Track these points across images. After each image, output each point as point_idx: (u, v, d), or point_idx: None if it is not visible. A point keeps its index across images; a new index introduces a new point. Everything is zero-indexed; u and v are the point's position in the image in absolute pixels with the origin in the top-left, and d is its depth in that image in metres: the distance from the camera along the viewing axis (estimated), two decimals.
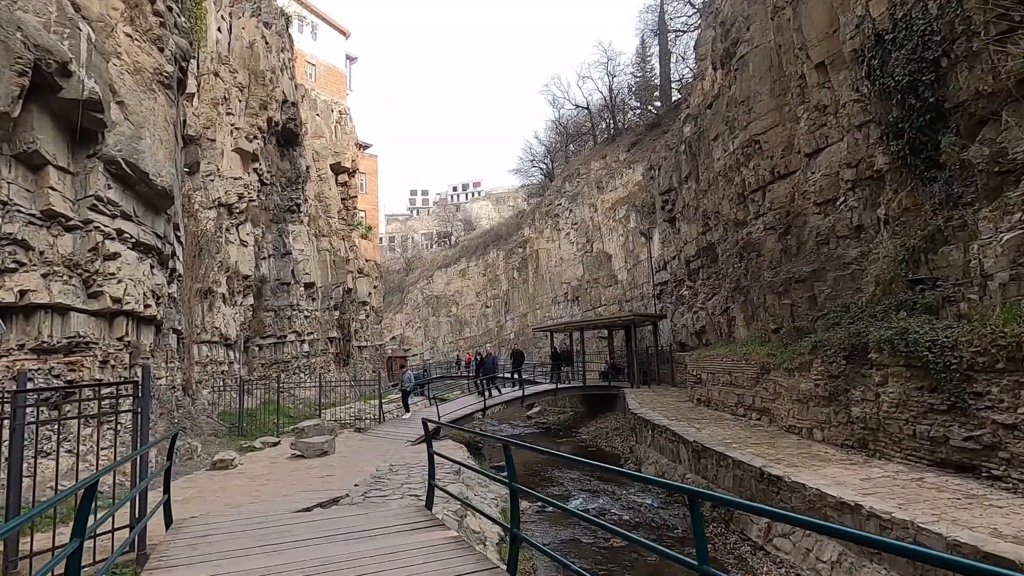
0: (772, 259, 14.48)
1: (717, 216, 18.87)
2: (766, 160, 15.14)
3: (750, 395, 13.11)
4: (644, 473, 13.41)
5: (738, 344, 15.17)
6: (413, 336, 72.67)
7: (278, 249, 23.16)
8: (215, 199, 18.32)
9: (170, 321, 13.79)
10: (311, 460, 12.65)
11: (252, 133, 20.65)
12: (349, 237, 29.35)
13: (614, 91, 48.99)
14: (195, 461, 12.36)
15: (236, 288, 20.11)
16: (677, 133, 23.11)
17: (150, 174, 11.06)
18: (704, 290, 21.07)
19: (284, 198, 23.64)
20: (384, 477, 9.44)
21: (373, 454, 13.34)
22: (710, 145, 19.02)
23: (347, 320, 28.83)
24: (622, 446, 17.47)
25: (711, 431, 11.97)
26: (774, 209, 14.86)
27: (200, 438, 14.38)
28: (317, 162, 26.81)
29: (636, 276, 35.33)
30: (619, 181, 41.98)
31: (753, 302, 15.18)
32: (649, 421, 14.23)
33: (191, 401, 15.79)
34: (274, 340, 22.76)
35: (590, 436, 20.51)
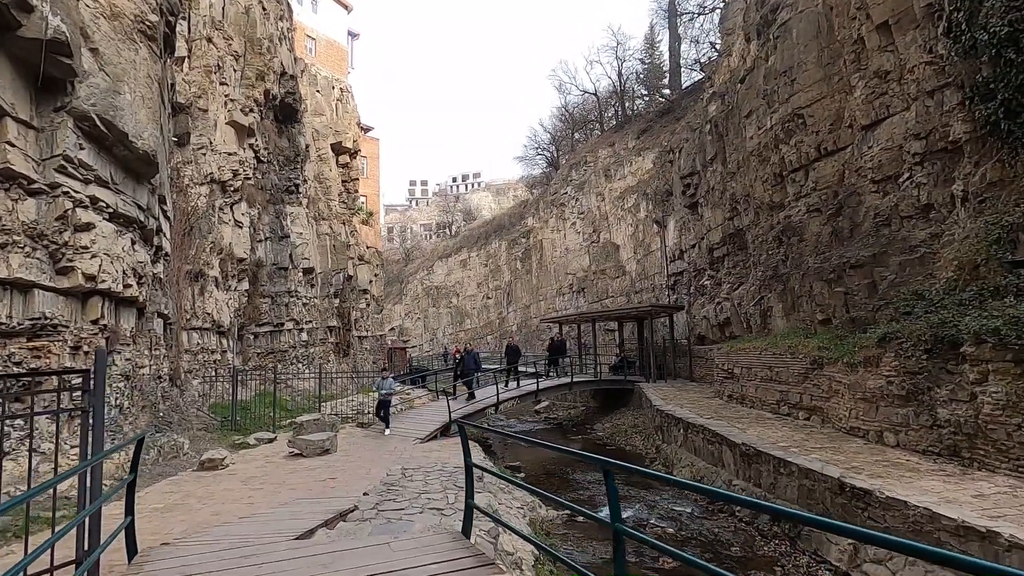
0: (818, 244, 13.21)
1: (747, 200, 17.59)
2: (810, 136, 13.84)
3: (796, 392, 11.87)
4: (679, 477, 12.18)
5: (777, 336, 13.92)
6: (412, 327, 71.42)
7: (275, 232, 21.79)
8: (207, 174, 16.93)
9: (155, 304, 12.47)
10: (311, 459, 11.39)
11: (248, 105, 19.22)
12: (350, 222, 27.97)
13: (623, 76, 47.54)
14: (181, 460, 11.08)
15: (230, 272, 18.75)
16: (700, 113, 21.77)
17: (130, 135, 9.70)
18: (729, 280, 19.83)
19: (282, 178, 22.23)
20: (397, 484, 8.17)
21: (379, 453, 12.10)
22: (741, 123, 17.69)
23: (347, 309, 27.50)
24: (644, 445, 16.26)
25: (757, 432, 10.74)
26: (819, 189, 13.58)
27: (188, 433, 13.09)
28: (317, 141, 25.38)
29: (647, 267, 34.08)
30: (628, 169, 40.67)
31: (794, 291, 13.92)
32: (681, 419, 13.00)
33: (179, 392, 14.49)
34: (270, 328, 21.43)
35: (606, 433, 19.30)
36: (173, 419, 12.66)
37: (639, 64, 50.58)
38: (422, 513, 6.56)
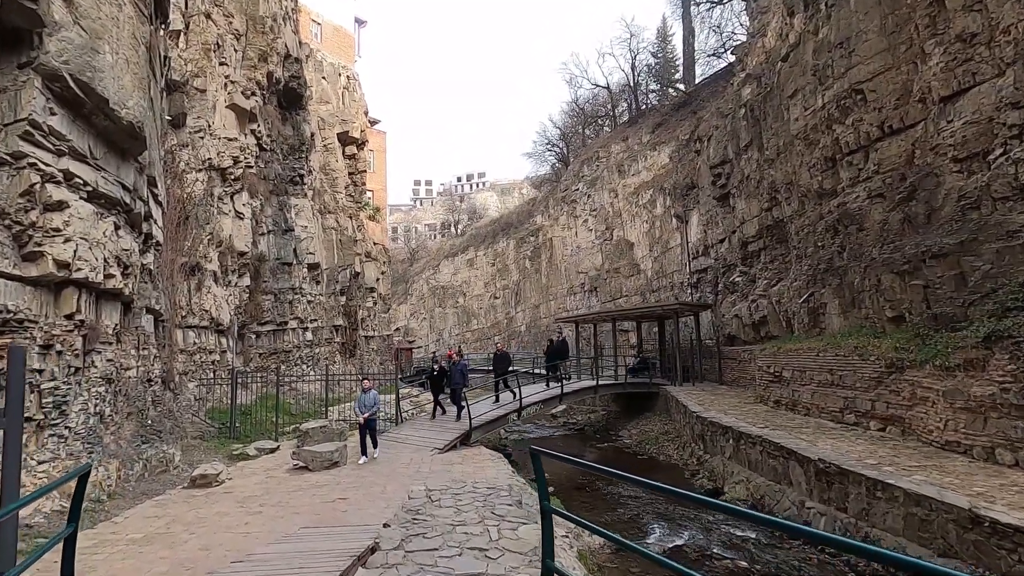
0: (883, 232, 11.81)
1: (790, 188, 16.20)
2: (871, 113, 12.46)
3: (867, 399, 10.49)
4: (731, 496, 10.82)
5: (838, 336, 12.53)
6: (418, 328, 70.19)
7: (278, 224, 20.51)
8: (205, 160, 15.64)
9: (144, 299, 11.18)
10: (317, 474, 10.06)
11: (249, 88, 17.94)
12: (357, 216, 26.68)
13: (637, 69, 46.18)
14: (171, 475, 9.77)
15: (230, 266, 17.46)
16: (732, 98, 20.39)
17: (111, 101, 8.39)
18: (766, 275, 18.43)
19: (286, 167, 20.95)
20: (423, 511, 6.82)
21: (394, 466, 10.75)
22: (782, 105, 16.31)
23: (354, 307, 26.21)
24: (679, 455, 14.87)
25: (830, 445, 9.35)
26: (883, 172, 12.19)
27: (181, 443, 11.78)
28: (323, 130, 24.11)
29: (665, 264, 32.70)
30: (642, 164, 39.35)
31: (853, 286, 12.52)
32: (731, 429, 11.63)
33: (172, 397, 13.19)
34: (273, 327, 20.14)
35: (634, 441, 17.92)
36: (164, 426, 11.35)
37: (652, 59, 49.27)
38: (461, 555, 5.21)
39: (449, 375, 14.42)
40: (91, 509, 7.58)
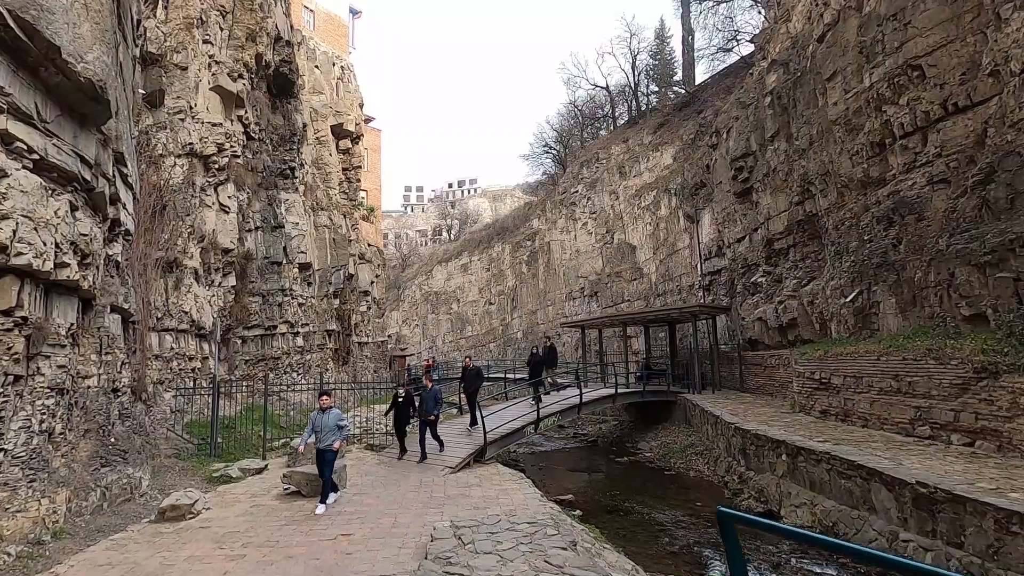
0: (951, 221, 10.55)
1: (826, 178, 14.97)
2: (932, 90, 11.24)
3: (948, 408, 9.15)
4: (792, 521, 9.40)
5: (894, 337, 11.21)
6: (411, 335, 68.47)
7: (267, 220, 18.94)
8: (186, 145, 14.10)
9: (110, 295, 9.60)
10: (313, 502, 8.49)
11: (236, 70, 16.44)
12: (351, 215, 25.16)
13: (637, 69, 45.22)
14: (137, 504, 8.16)
15: (213, 264, 15.87)
16: (755, 86, 19.21)
17: (64, 51, 6.88)
18: (795, 274, 17.16)
19: (276, 159, 19.42)
20: (455, 558, 5.32)
21: (402, 489, 9.23)
22: (816, 90, 15.11)
23: (348, 311, 24.63)
24: (712, 471, 13.47)
25: (919, 463, 7.98)
26: (947, 155, 10.95)
27: (152, 463, 10.16)
28: (315, 122, 22.63)
29: (671, 267, 31.49)
30: (644, 166, 38.30)
31: (914, 281, 11.24)
32: (784, 443, 10.23)
33: (144, 409, 11.55)
34: (261, 331, 18.52)
35: (656, 455, 16.48)
36: (132, 445, 9.71)
37: (650, 60, 48.47)
38: None
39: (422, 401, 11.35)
40: (27, 555, 5.99)
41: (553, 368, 18.54)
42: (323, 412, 8.48)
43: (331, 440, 8.27)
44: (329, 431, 8.34)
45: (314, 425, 8.46)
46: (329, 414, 8.46)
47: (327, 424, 8.38)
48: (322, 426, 8.37)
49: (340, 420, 8.55)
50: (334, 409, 8.61)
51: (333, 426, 8.39)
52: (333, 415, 8.49)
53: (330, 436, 8.30)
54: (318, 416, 8.47)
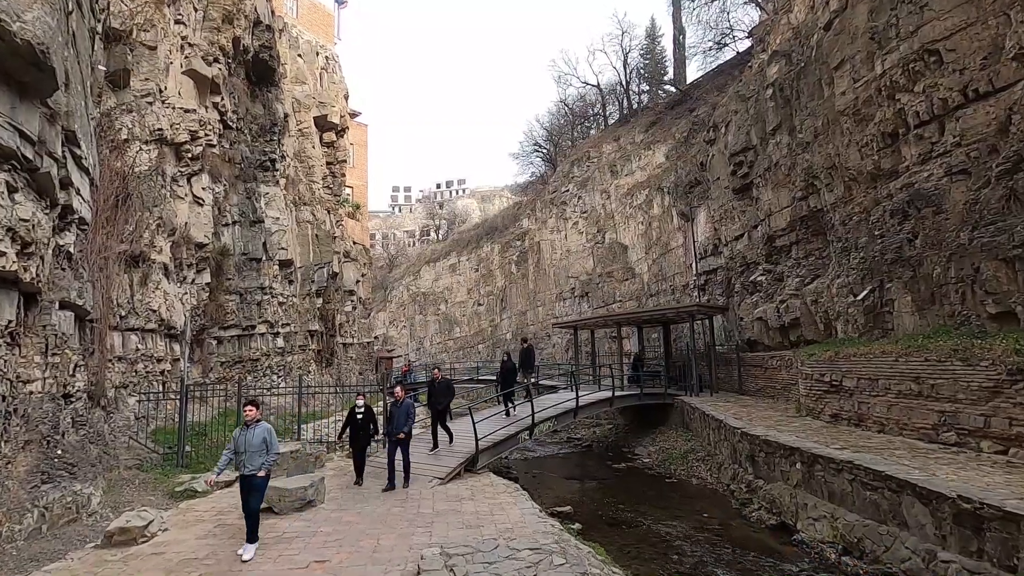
0: (972, 213, 9.95)
1: (832, 172, 14.36)
2: (950, 76, 10.63)
3: (977, 413, 8.51)
4: (812, 536, 8.68)
5: (910, 337, 10.58)
6: (398, 336, 67.41)
7: (246, 215, 17.95)
8: (155, 131, 13.11)
9: (61, 290, 8.63)
10: (286, 519, 7.62)
11: (211, 54, 15.46)
12: (335, 210, 24.18)
13: (629, 67, 44.73)
14: (84, 525, 7.21)
15: (185, 259, 14.87)
16: (755, 79, 18.61)
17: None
18: (798, 272, 16.55)
19: (255, 150, 18.44)
20: None
21: (388, 504, 8.37)
22: (822, 80, 14.51)
23: (331, 311, 23.65)
24: (716, 478, 12.76)
25: (953, 473, 7.31)
26: (967, 144, 10.35)
27: (111, 475, 9.20)
28: (298, 113, 21.66)
29: (664, 267, 30.92)
30: (636, 164, 37.77)
31: (932, 278, 10.62)
32: (798, 450, 9.53)
33: (104, 415, 10.56)
34: (238, 331, 17.52)
35: (654, 460, 15.75)
36: (86, 456, 8.74)
37: (641, 59, 48.08)
38: None
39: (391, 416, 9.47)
40: None
41: (530, 372, 16.68)
42: (248, 427, 6.57)
43: (257, 464, 6.42)
44: (254, 452, 6.43)
45: (234, 443, 6.59)
46: (254, 430, 6.52)
47: (251, 443, 6.44)
48: (245, 446, 6.45)
49: (268, 438, 6.54)
50: (262, 423, 6.71)
51: (259, 446, 6.44)
52: (259, 432, 6.53)
53: (256, 459, 6.44)
54: (240, 433, 6.58)
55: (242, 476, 6.54)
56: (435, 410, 11.56)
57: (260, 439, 6.52)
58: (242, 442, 6.53)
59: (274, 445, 6.63)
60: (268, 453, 6.55)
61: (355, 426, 9.62)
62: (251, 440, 6.50)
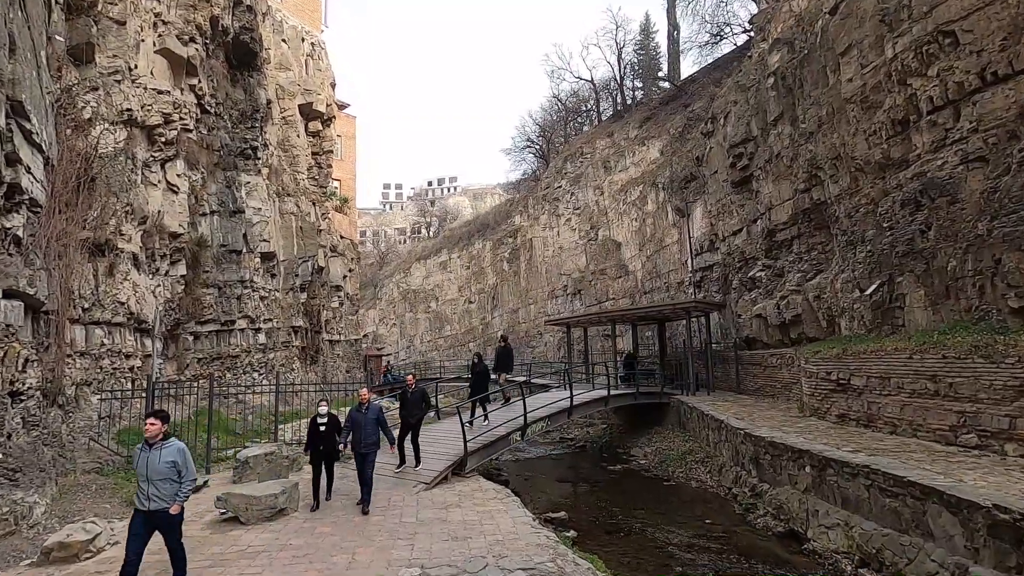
0: (991, 202, 9.41)
1: (837, 162, 13.82)
2: (966, 59, 10.09)
3: (1001, 415, 7.96)
4: (824, 545, 8.09)
5: (923, 333, 10.03)
6: (387, 334, 66.55)
7: (225, 205, 17.13)
8: (123, 111, 12.29)
9: (6, 277, 7.83)
10: (253, 531, 6.91)
11: (188, 33, 14.64)
12: (321, 203, 23.37)
13: (623, 62, 44.18)
14: (21, 539, 6.44)
15: (158, 249, 14.06)
16: (756, 68, 18.06)
17: None
18: (800, 267, 16.02)
19: (236, 137, 17.60)
20: None
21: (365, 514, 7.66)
22: (829, 67, 13.95)
23: (317, 306, 22.84)
24: (717, 481, 12.17)
25: (981, 479, 6.74)
26: (984, 130, 9.80)
27: (64, 480, 8.43)
28: (282, 100, 20.83)
29: (659, 264, 30.41)
30: (630, 160, 37.28)
31: (947, 271, 10.07)
32: (808, 453, 8.94)
33: (62, 415, 9.77)
34: (217, 326, 16.71)
35: (651, 462, 15.16)
36: (36, 459, 7.97)
37: (635, 56, 47.62)
38: None
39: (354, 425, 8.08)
40: None
41: (508, 372, 15.43)
42: (151, 447, 5.02)
43: (165, 494, 4.95)
44: (162, 479, 4.94)
45: (136, 469, 5.10)
46: (161, 451, 5.00)
47: (155, 468, 4.93)
48: (149, 471, 4.93)
49: (180, 460, 5.04)
50: (173, 442, 5.16)
51: (166, 472, 4.95)
52: (168, 453, 5.01)
53: (164, 488, 4.94)
54: (141, 455, 5.06)
55: (141, 512, 4.97)
56: (406, 423, 9.89)
57: (168, 462, 4.96)
58: (143, 467, 4.97)
59: (189, 470, 5.14)
60: (182, 480, 5.06)
61: (317, 438, 8.20)
62: (155, 464, 4.94)
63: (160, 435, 5.09)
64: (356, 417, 8.17)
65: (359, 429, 8.04)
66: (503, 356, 15.24)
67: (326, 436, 8.16)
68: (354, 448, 8.11)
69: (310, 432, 8.35)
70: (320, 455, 8.19)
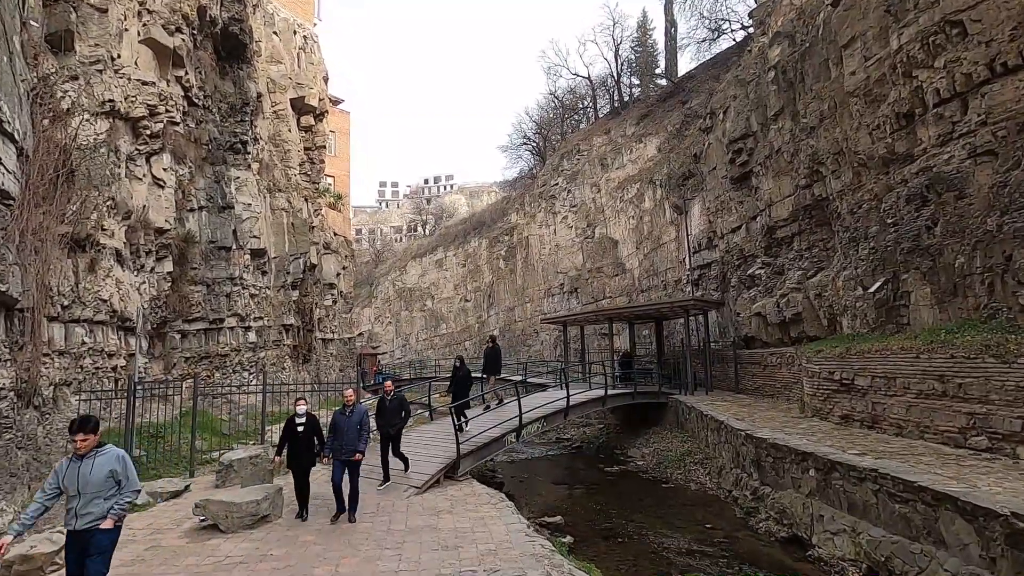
0: (1000, 197, 9.13)
1: (839, 158, 13.54)
2: (975, 50, 9.81)
3: (1014, 417, 7.69)
4: (830, 552, 7.80)
5: (931, 331, 9.75)
6: (383, 332, 66.16)
7: (214, 200, 16.71)
8: (105, 102, 11.88)
9: None
10: (232, 540, 6.56)
11: (174, 22, 14.23)
12: (314, 199, 22.96)
13: (620, 58, 43.85)
14: None
15: (143, 245, 13.67)
16: (756, 62, 17.76)
17: None
18: (801, 265, 15.74)
19: (225, 131, 17.18)
20: None
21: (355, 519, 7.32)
22: (831, 60, 13.66)
23: (309, 304, 22.45)
24: (716, 484, 11.88)
25: (997, 484, 6.45)
26: (994, 122, 9.53)
27: (37, 485, 8.03)
28: (273, 94, 20.42)
29: (656, 262, 30.15)
30: (627, 157, 37.02)
31: (954, 268, 9.79)
32: (812, 455, 8.65)
33: (38, 416, 9.39)
34: (205, 325, 16.30)
35: (649, 463, 14.86)
36: (10, 463, 7.60)
37: (632, 53, 47.31)
38: None
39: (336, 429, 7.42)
40: None
41: (497, 374, 14.67)
42: (80, 459, 4.22)
43: (96, 512, 4.15)
44: (92, 496, 4.14)
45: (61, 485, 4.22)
46: (95, 461, 4.20)
47: (89, 481, 4.14)
48: (79, 486, 4.14)
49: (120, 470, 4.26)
50: (110, 448, 4.34)
51: (102, 484, 4.17)
52: (103, 462, 4.22)
53: (99, 504, 4.16)
54: (69, 467, 4.25)
55: (71, 533, 4.19)
56: (385, 434, 8.92)
57: (104, 473, 4.17)
58: (72, 480, 4.16)
59: (131, 480, 4.35)
60: (121, 493, 4.26)
61: (294, 441, 7.39)
62: (89, 476, 4.14)
63: (94, 443, 4.30)
64: (339, 421, 7.43)
65: (342, 435, 7.31)
66: (491, 357, 14.60)
67: (303, 439, 7.36)
68: (336, 456, 7.34)
69: (284, 433, 7.50)
70: (299, 459, 7.36)
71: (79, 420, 4.38)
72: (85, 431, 4.25)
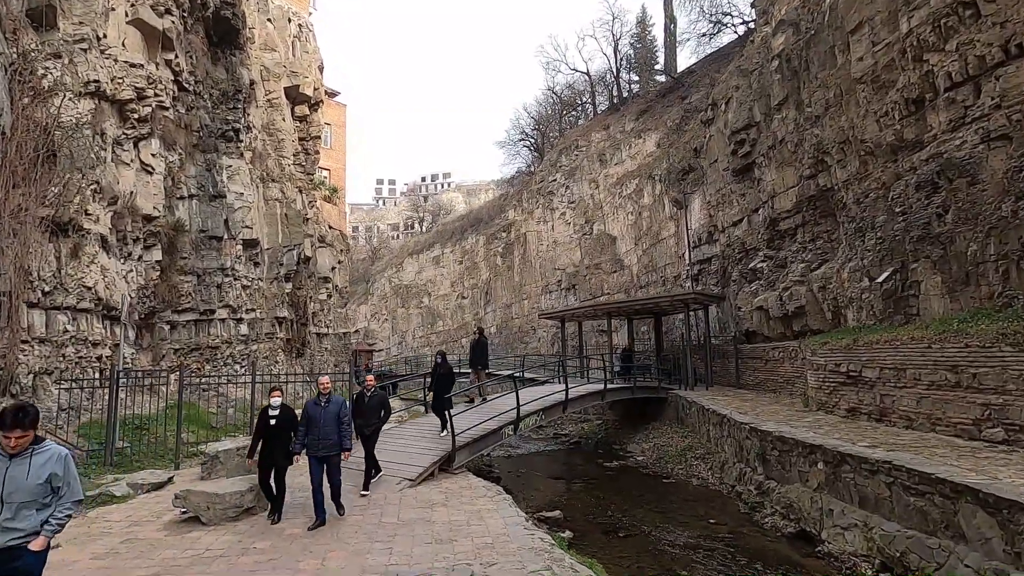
0: (1014, 183, 8.82)
1: (845, 147, 13.24)
2: (989, 31, 9.50)
3: None
4: (841, 547, 7.49)
5: (942, 321, 9.45)
6: (379, 329, 65.79)
7: (205, 188, 16.33)
8: (90, 82, 11.49)
9: None
10: (213, 533, 6.20)
11: (163, 4, 13.83)
12: (308, 190, 22.57)
13: (619, 53, 43.54)
14: None
15: (131, 232, 13.29)
16: (759, 51, 17.43)
17: None
18: (804, 257, 15.44)
19: (216, 118, 16.79)
20: None
21: (344, 511, 6.97)
22: (837, 47, 13.35)
23: (303, 297, 22.05)
24: (719, 478, 11.58)
25: (1017, 476, 6.15)
26: (1008, 105, 9.22)
27: None
28: (267, 82, 20.03)
29: (655, 257, 29.86)
30: (626, 153, 36.72)
31: (966, 256, 9.50)
32: (821, 448, 8.34)
33: None
34: (195, 316, 15.92)
35: (649, 458, 14.55)
36: None
37: (631, 49, 47.01)
38: None
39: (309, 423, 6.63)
40: None
41: (484, 367, 13.81)
42: (10, 458, 3.26)
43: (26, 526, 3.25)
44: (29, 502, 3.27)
45: None
46: (30, 460, 3.30)
47: (21, 484, 3.24)
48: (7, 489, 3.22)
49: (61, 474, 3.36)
50: (50, 446, 3.45)
51: (38, 491, 3.29)
52: (42, 463, 3.33)
53: (23, 519, 3.25)
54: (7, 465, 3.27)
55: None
56: (360, 434, 8.03)
57: (42, 477, 3.29)
58: None
59: (73, 489, 3.45)
60: (60, 502, 3.39)
61: (269, 435, 6.55)
62: (20, 481, 3.24)
63: (31, 439, 3.33)
64: (313, 412, 6.60)
65: (316, 427, 6.52)
66: (478, 349, 13.89)
67: (277, 432, 6.54)
68: (310, 452, 6.55)
69: (258, 427, 6.67)
70: (272, 455, 6.53)
71: (12, 411, 3.28)
72: (23, 427, 3.24)
